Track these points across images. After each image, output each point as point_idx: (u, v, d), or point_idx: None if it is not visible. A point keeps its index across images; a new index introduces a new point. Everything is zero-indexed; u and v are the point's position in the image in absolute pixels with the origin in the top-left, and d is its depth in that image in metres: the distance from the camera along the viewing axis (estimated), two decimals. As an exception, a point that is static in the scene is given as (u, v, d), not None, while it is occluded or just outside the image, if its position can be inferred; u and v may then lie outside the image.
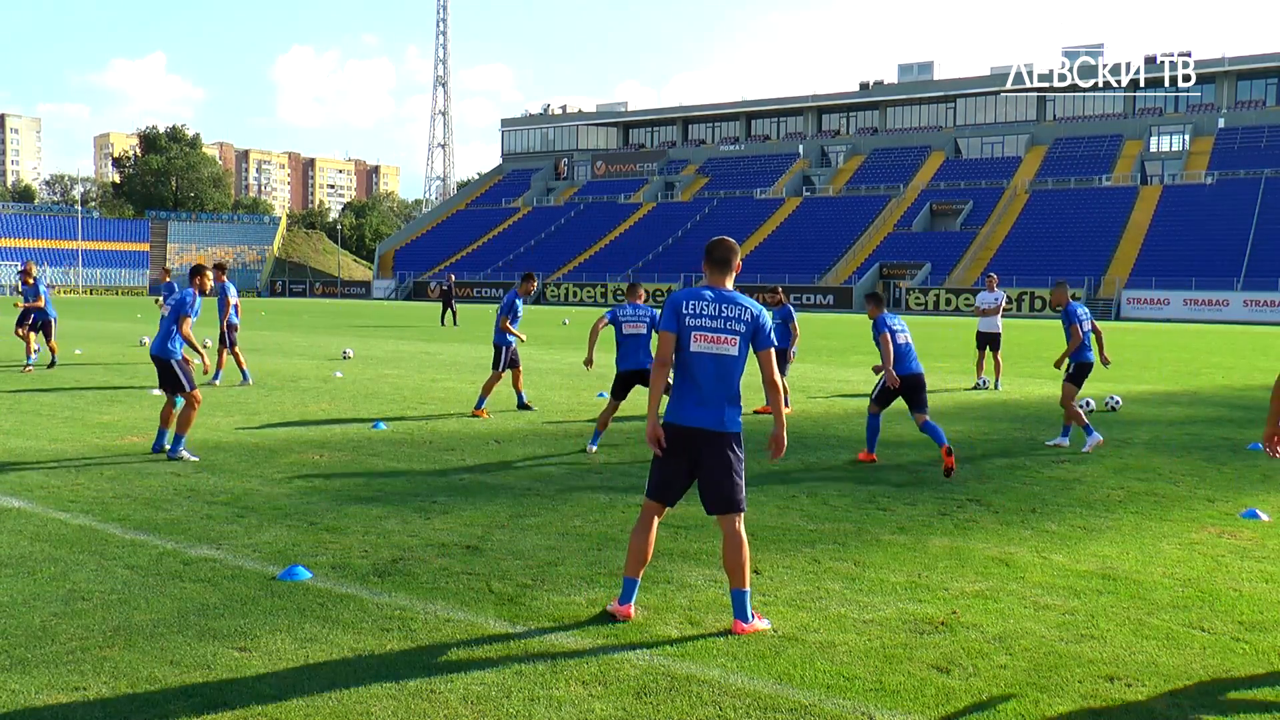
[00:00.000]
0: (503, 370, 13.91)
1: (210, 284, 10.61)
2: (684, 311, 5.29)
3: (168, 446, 10.14)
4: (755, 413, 14.46)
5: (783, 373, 14.57)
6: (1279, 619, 5.61)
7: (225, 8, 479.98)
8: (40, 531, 7.10)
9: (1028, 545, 7.12)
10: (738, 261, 5.48)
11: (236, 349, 16.98)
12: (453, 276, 47.27)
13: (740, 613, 5.31)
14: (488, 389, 13.86)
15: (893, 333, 10.49)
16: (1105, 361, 12.12)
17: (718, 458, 5.29)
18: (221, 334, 16.99)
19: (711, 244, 5.44)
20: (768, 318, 5.34)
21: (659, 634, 5.24)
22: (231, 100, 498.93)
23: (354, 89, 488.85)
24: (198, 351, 10.70)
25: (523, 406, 14.16)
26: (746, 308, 5.31)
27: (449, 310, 39.75)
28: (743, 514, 5.42)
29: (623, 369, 11.06)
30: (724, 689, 4.56)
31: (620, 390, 11.03)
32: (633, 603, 5.50)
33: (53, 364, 19.00)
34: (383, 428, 12.15)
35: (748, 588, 5.34)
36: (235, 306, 17.11)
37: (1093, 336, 12.00)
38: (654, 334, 10.96)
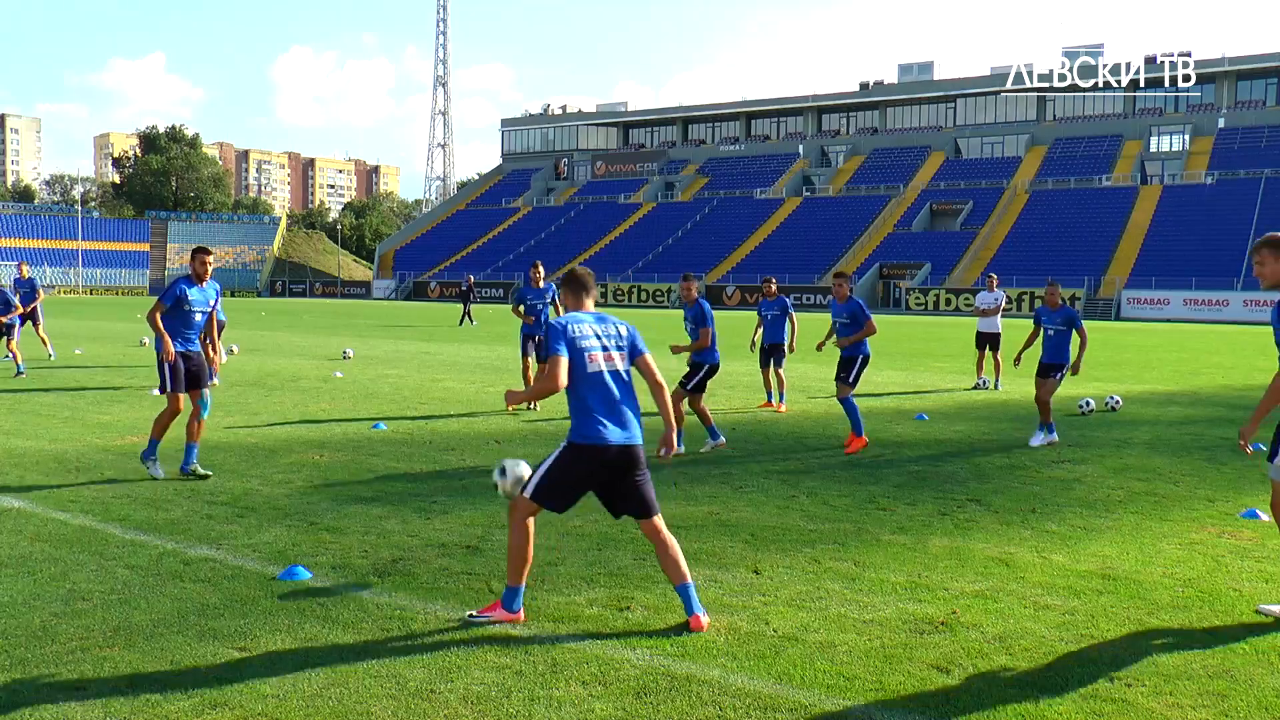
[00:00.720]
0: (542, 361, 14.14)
1: (205, 271, 9.12)
2: (572, 335, 5.42)
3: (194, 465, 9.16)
4: (760, 407, 14.50)
5: (778, 364, 14.66)
6: (1279, 619, 5.61)
7: (224, 8, 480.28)
8: (40, 531, 7.10)
9: (1028, 545, 7.12)
10: (595, 291, 5.81)
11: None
12: (472, 277, 47.31)
13: (695, 606, 5.37)
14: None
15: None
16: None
17: (640, 468, 5.44)
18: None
19: (573, 272, 5.73)
20: (635, 330, 5.63)
21: (659, 634, 5.24)
22: (230, 100, 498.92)
23: (353, 89, 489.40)
24: (161, 338, 8.91)
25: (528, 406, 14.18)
26: (620, 323, 5.61)
27: (465, 310, 40.12)
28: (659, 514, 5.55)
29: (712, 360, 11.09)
30: (724, 689, 4.56)
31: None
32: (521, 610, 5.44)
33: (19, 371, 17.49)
34: (383, 428, 12.15)
35: (691, 580, 5.43)
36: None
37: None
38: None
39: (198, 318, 9.15)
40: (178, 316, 9.03)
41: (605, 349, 5.45)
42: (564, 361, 5.34)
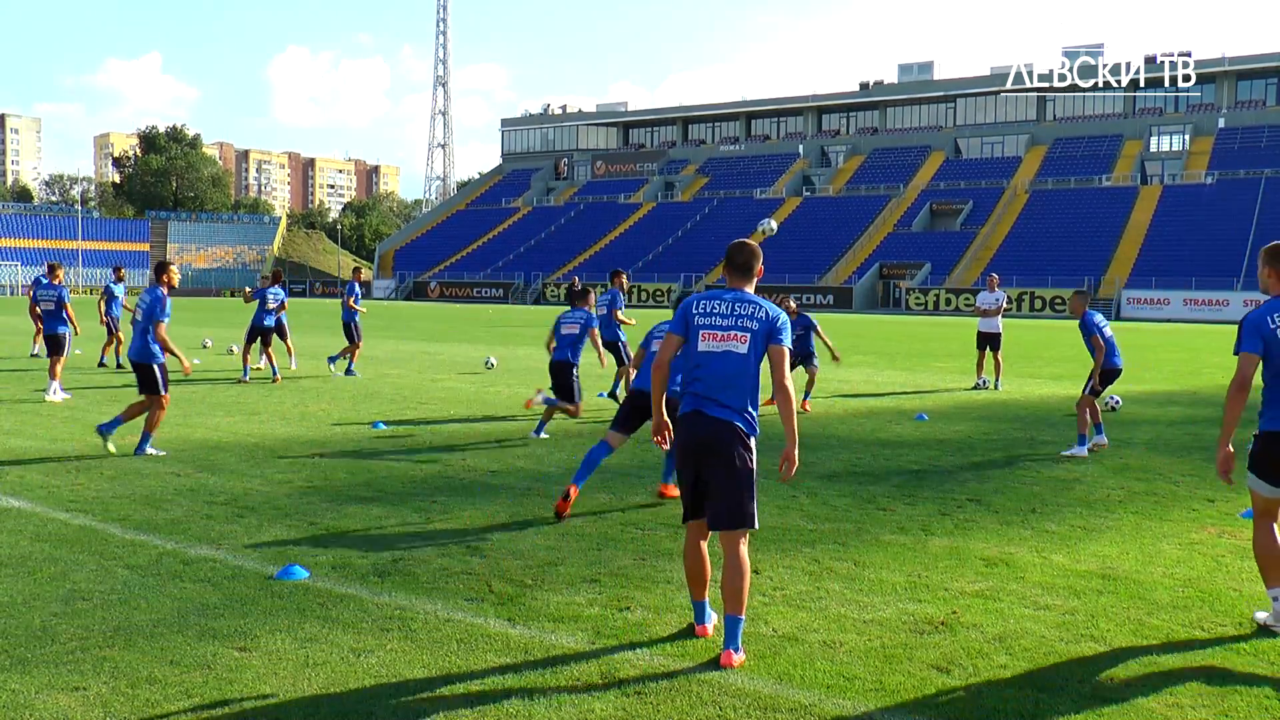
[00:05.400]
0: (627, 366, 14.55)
1: (175, 281, 10.54)
2: (694, 312, 5.09)
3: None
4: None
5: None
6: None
7: (220, 8, 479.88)
8: (40, 531, 7.10)
9: (1028, 545, 7.12)
10: (759, 266, 5.16)
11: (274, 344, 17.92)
12: (577, 280, 46.27)
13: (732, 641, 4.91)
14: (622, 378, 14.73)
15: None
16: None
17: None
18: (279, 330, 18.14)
19: (733, 248, 5.18)
20: (785, 319, 5.04)
21: (659, 634, 5.24)
22: (227, 100, 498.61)
23: (349, 89, 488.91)
24: (175, 355, 10.26)
25: (613, 395, 15.06)
26: (762, 307, 5.02)
27: None
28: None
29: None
30: (724, 689, 4.56)
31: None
32: (707, 623, 5.24)
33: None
34: (383, 428, 12.15)
35: (744, 615, 4.96)
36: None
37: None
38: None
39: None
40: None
41: (726, 329, 5.03)
42: (675, 341, 5.25)
